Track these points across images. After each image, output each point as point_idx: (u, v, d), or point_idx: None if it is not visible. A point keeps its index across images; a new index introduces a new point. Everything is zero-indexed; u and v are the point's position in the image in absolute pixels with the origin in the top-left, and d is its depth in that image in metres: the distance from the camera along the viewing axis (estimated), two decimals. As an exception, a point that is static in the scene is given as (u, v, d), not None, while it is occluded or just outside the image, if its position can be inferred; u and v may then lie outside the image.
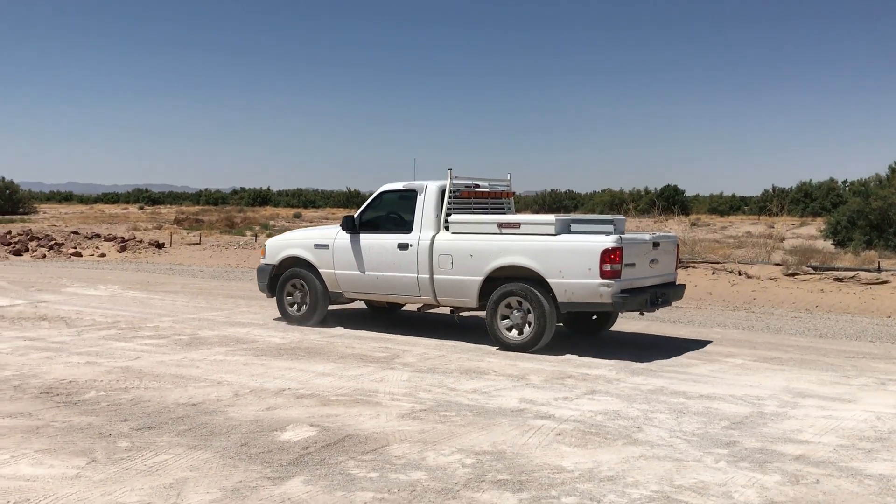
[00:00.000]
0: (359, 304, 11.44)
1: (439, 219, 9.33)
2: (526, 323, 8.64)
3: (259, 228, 33.27)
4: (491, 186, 10.17)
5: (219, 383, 7.00)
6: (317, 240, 10.28)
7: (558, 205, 64.85)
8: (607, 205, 57.40)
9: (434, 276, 9.21)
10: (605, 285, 8.11)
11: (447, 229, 9.27)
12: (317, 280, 10.18)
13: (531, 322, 8.58)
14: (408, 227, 9.50)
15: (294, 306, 10.46)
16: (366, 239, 9.79)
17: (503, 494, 4.44)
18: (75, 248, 22.79)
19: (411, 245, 9.36)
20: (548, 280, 8.43)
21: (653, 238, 8.84)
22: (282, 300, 10.54)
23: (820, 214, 45.75)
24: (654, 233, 9.34)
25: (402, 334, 9.66)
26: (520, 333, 8.68)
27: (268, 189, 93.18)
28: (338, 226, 10.16)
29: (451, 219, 9.23)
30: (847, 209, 23.86)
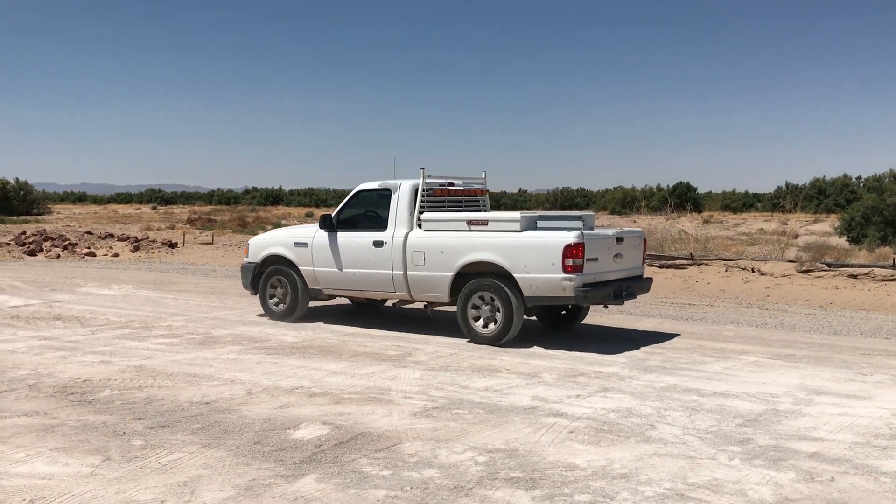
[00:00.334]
0: (342, 302, 11.46)
1: (413, 217, 9.60)
2: (494, 316, 8.91)
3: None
4: (465, 185, 10.47)
5: (232, 382, 7.02)
6: (297, 238, 10.58)
7: (570, 202, 64.69)
8: (619, 202, 57.22)
9: (408, 272, 9.51)
10: (568, 279, 8.39)
11: (420, 227, 9.55)
12: (297, 277, 10.47)
13: (499, 315, 8.85)
14: (383, 225, 9.76)
15: (276, 302, 10.76)
16: (343, 237, 10.07)
17: (516, 492, 4.44)
18: (89, 248, 22.93)
19: (386, 242, 9.64)
20: (514, 275, 8.71)
21: (616, 233, 9.16)
22: (264, 297, 10.86)
23: (834, 211, 45.50)
24: (619, 228, 9.69)
25: (413, 332, 9.67)
26: (488, 326, 8.97)
27: (280, 188, 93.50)
28: (317, 224, 10.41)
29: (424, 216, 9.52)
30: (861, 205, 23.72)
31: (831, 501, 4.37)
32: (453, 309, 9.74)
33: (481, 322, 9.02)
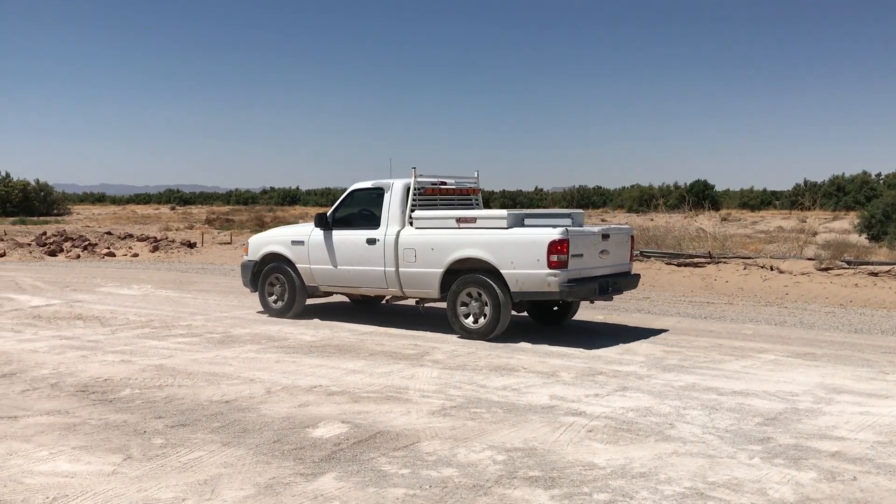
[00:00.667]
0: (342, 300, 11.47)
1: (405, 215, 9.81)
2: (483, 312, 9.10)
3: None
4: (458, 184, 10.68)
5: (251, 381, 7.06)
6: (293, 237, 10.82)
7: (586, 201, 64.52)
8: (636, 200, 57.00)
9: (399, 269, 9.71)
10: (553, 275, 8.56)
11: (412, 225, 9.73)
12: (294, 275, 10.71)
13: (487, 311, 9.03)
14: (376, 223, 10.00)
15: (274, 298, 10.99)
16: (338, 235, 10.31)
17: (535, 491, 4.44)
18: (108, 248, 23.11)
19: (378, 240, 9.86)
20: (501, 271, 8.90)
21: (602, 230, 9.29)
22: (263, 294, 11.08)
23: (853, 208, 45.09)
24: (606, 225, 9.83)
25: (431, 331, 9.68)
26: (477, 322, 9.16)
27: (297, 188, 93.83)
28: (313, 223, 10.60)
29: (415, 214, 9.72)
30: (882, 202, 23.51)
31: (854, 501, 4.33)
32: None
33: (471, 318, 9.20)
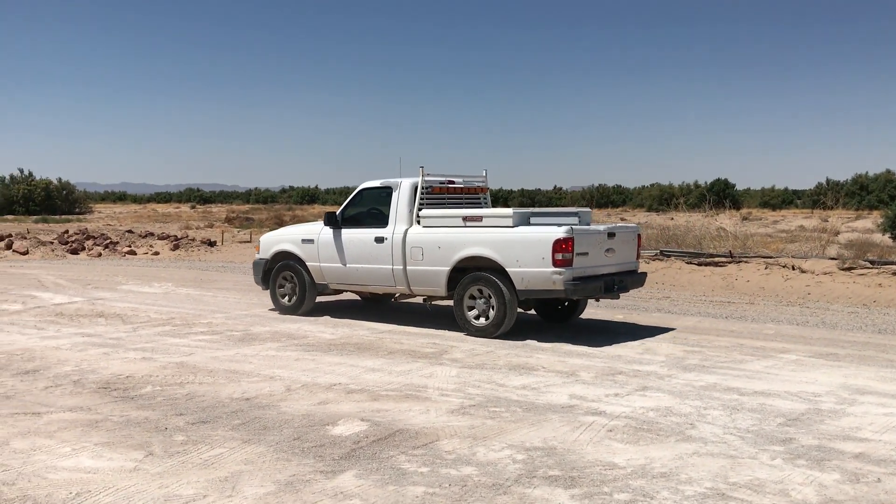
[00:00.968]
0: (353, 298, 11.49)
1: (412, 213, 9.90)
2: (489, 309, 9.17)
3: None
4: (465, 182, 10.75)
5: (271, 378, 7.09)
6: (304, 235, 10.95)
7: (605, 200, 64.27)
8: (656, 199, 56.68)
9: (407, 267, 9.80)
10: (558, 273, 8.62)
11: (419, 223, 9.82)
12: (304, 273, 10.83)
13: (493, 309, 9.10)
14: (384, 222, 10.08)
15: (285, 297, 11.12)
16: (347, 233, 10.42)
17: (555, 490, 4.42)
18: (130, 246, 23.30)
19: (386, 238, 9.96)
20: (506, 269, 8.97)
21: (607, 229, 9.31)
22: (274, 292, 11.21)
23: (877, 207, 44.56)
24: (612, 223, 9.85)
25: (449, 330, 9.68)
26: (485, 319, 9.22)
27: (316, 187, 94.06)
28: (322, 222, 10.73)
29: (422, 213, 9.81)
30: (905, 201, 23.20)
31: (878, 503, 4.29)
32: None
33: (478, 315, 9.26)
